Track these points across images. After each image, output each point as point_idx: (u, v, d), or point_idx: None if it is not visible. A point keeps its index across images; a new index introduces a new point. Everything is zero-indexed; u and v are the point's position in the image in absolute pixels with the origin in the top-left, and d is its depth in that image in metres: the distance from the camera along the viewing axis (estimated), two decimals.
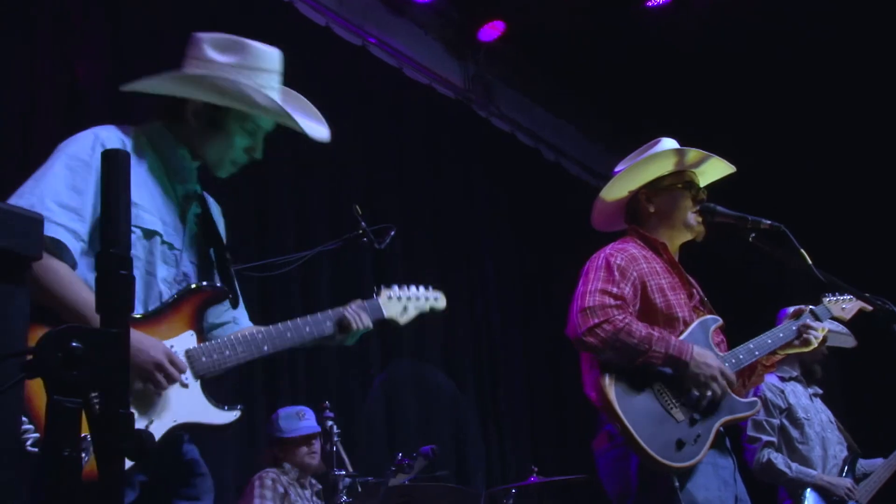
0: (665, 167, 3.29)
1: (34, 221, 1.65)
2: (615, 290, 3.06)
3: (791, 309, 4.56)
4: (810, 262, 3.10)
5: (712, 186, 3.42)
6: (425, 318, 6.26)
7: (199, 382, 2.31)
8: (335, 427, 4.36)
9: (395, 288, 2.79)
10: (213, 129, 2.47)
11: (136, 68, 4.79)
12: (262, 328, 2.44)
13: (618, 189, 3.35)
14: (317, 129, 2.65)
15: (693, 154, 3.29)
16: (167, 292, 2.36)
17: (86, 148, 2.30)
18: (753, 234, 3.17)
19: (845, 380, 7.02)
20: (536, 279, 7.42)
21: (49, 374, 1.37)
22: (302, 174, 5.68)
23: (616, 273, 3.09)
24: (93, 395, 1.38)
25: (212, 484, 2.41)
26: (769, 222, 3.15)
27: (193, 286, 2.39)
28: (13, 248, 1.56)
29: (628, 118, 8.06)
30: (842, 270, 3.26)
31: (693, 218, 3.25)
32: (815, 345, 3.27)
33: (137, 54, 4.89)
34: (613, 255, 3.15)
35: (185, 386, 2.27)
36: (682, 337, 3.07)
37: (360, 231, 3.97)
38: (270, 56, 2.54)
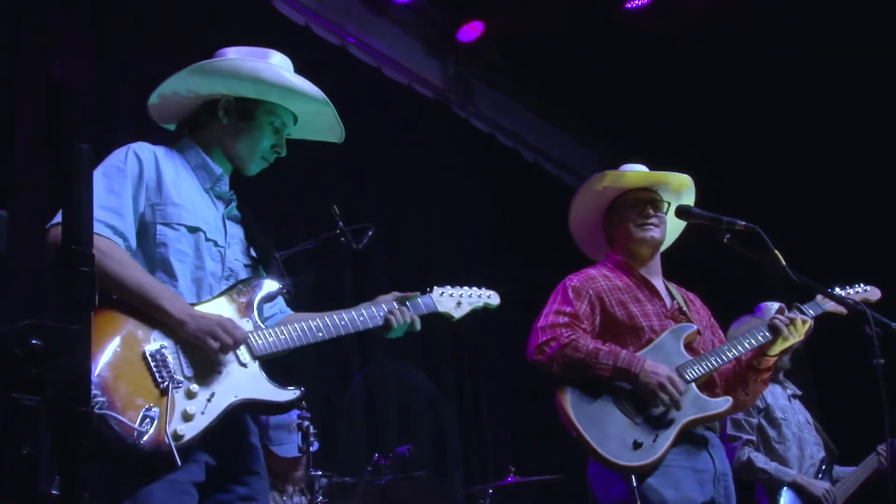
0: (586, 199, 3.49)
1: None
2: (567, 308, 3.24)
3: (769, 304, 4.62)
4: (784, 262, 3.12)
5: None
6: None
7: (257, 363, 2.42)
8: (312, 427, 4.32)
9: (448, 287, 2.90)
10: (244, 123, 2.62)
11: (117, 67, 4.82)
12: (318, 316, 2.57)
13: (580, 226, 3.58)
14: (336, 128, 2.83)
15: (611, 175, 3.43)
16: (216, 287, 2.50)
17: (120, 157, 2.48)
18: (728, 236, 3.19)
19: (819, 382, 7.05)
20: (517, 278, 7.41)
21: (8, 371, 1.36)
22: (279, 174, 5.64)
23: (570, 294, 3.28)
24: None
25: (267, 486, 2.53)
26: (744, 223, 3.17)
27: (253, 279, 2.56)
28: None
29: (607, 117, 8.09)
30: (829, 270, 3.29)
31: (639, 232, 3.38)
32: (789, 333, 3.19)
33: (119, 53, 4.87)
34: (571, 279, 3.36)
35: (243, 365, 2.38)
36: (651, 344, 3.19)
37: (338, 231, 3.97)
38: (286, 59, 2.73)
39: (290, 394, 2.42)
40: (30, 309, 3.97)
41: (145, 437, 2.12)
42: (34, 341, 1.37)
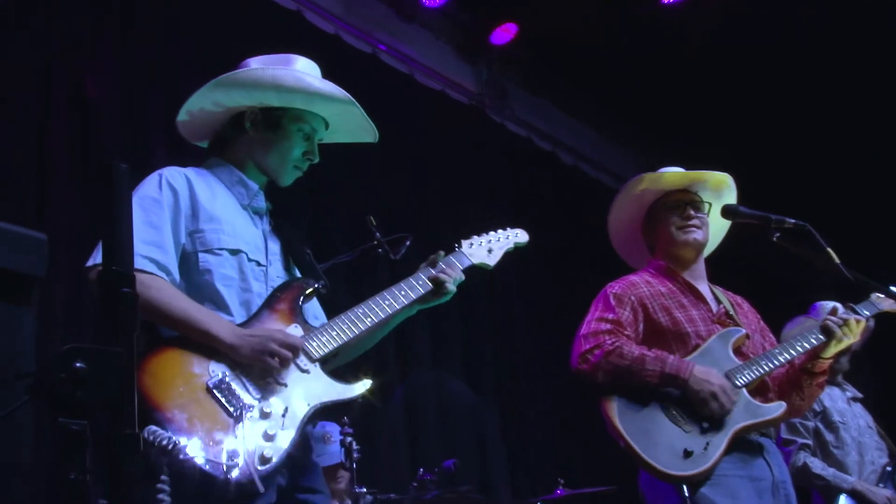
0: (624, 205, 3.42)
1: (38, 241, 1.62)
2: (610, 315, 3.17)
3: (824, 304, 4.49)
4: (837, 260, 3.04)
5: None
6: (443, 325, 6.13)
7: (317, 365, 2.38)
8: (354, 444, 4.27)
9: (475, 237, 2.86)
10: (272, 132, 2.57)
11: (147, 82, 4.83)
12: (359, 305, 2.51)
13: (619, 233, 3.51)
14: (367, 127, 2.75)
15: (649, 178, 3.36)
16: None
17: (153, 187, 2.42)
18: (778, 234, 3.12)
19: (882, 384, 6.88)
20: (558, 284, 7.34)
21: (53, 395, 1.34)
22: (316, 185, 5.64)
23: (612, 301, 3.21)
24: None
25: None
26: (793, 221, 3.12)
27: (284, 282, 2.51)
28: (17, 268, 1.53)
29: (645, 118, 7.99)
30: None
31: (680, 235, 3.31)
32: (843, 335, 3.11)
33: (148, 67, 4.88)
34: (612, 286, 3.29)
35: (305, 371, 2.35)
36: (699, 350, 3.11)
37: (375, 242, 3.92)
38: (311, 63, 2.67)
39: (360, 387, 2.40)
40: (67, 331, 3.98)
41: (236, 470, 2.10)
42: (78, 364, 1.35)
